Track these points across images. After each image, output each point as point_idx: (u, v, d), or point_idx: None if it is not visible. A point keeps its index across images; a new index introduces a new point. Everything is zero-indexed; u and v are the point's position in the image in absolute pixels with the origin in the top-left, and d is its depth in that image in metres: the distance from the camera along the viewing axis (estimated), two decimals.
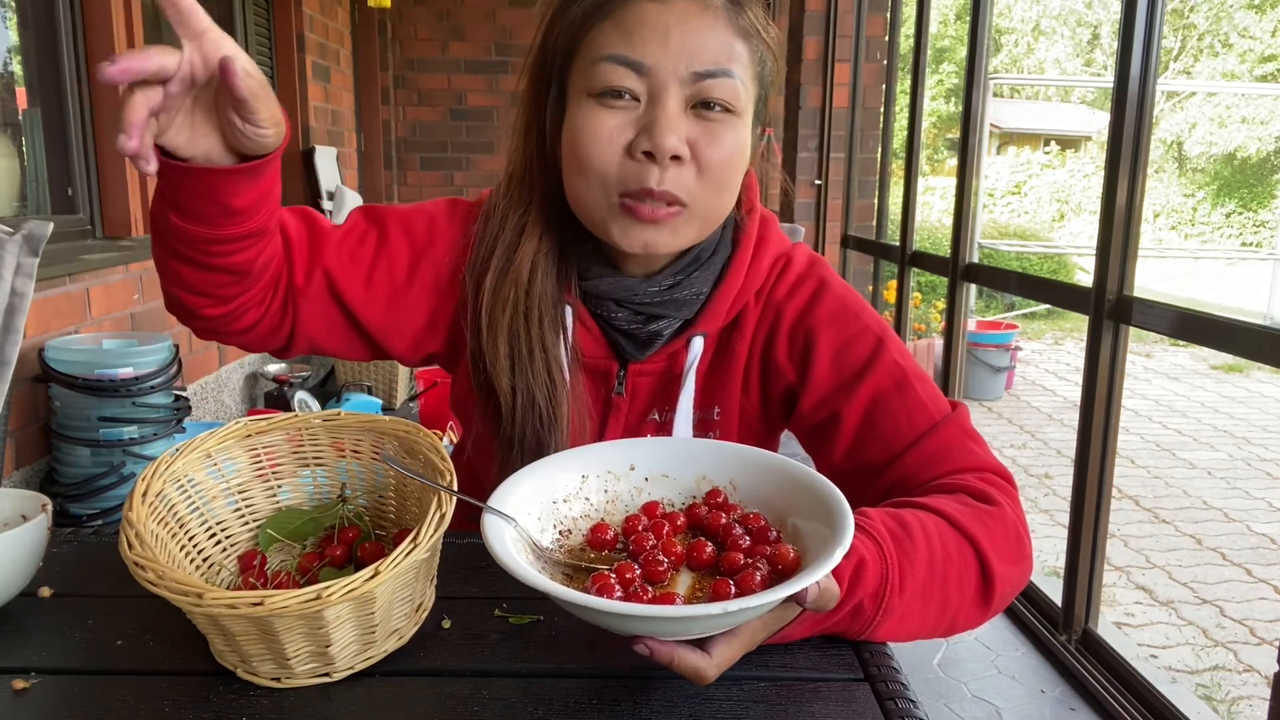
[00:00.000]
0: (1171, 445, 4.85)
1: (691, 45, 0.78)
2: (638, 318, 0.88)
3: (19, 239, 1.31)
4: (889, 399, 0.84)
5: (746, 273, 0.90)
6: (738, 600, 0.56)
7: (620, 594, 0.61)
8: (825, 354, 0.87)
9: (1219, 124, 15.26)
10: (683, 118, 0.79)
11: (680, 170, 0.80)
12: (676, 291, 0.87)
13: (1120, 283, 2.13)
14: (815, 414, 0.87)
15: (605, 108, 0.80)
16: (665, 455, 0.76)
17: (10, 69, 2.64)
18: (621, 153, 0.80)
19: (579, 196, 0.83)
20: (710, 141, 0.80)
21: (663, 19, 0.78)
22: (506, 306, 0.87)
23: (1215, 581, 3.21)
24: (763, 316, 0.91)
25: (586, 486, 0.74)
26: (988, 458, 0.82)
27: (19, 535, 0.72)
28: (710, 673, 0.61)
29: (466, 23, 6.18)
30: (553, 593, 0.57)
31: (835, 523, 0.63)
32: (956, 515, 0.74)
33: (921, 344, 5.45)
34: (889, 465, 0.82)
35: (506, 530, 0.64)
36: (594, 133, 0.80)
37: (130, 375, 2.38)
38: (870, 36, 4.14)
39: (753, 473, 0.73)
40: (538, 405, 0.87)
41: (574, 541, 0.71)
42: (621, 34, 0.79)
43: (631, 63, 0.78)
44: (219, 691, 0.64)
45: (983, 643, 2.44)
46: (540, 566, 0.65)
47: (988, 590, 0.74)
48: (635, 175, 0.79)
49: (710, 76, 0.79)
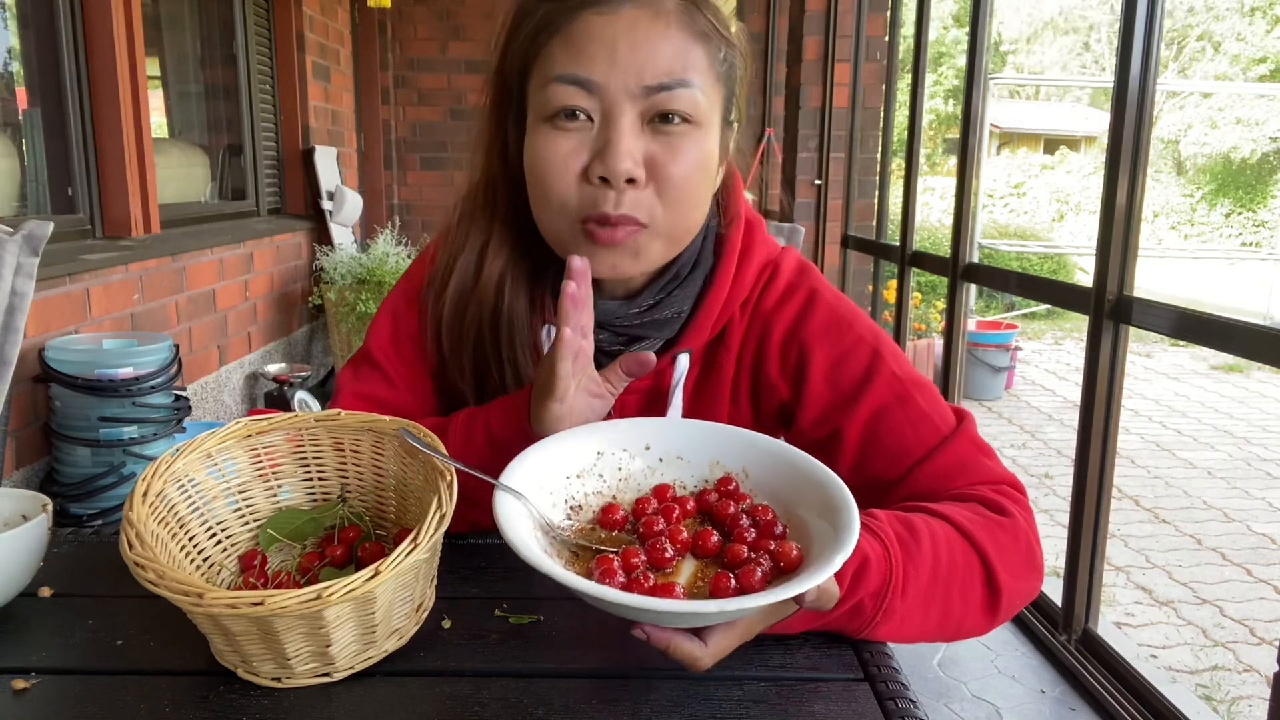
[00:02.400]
0: (1171, 445, 4.85)
1: (642, 57, 0.75)
2: (619, 339, 0.87)
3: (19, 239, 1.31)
4: (891, 413, 0.81)
5: (731, 285, 0.87)
6: (735, 600, 0.57)
7: (622, 578, 0.62)
8: (820, 370, 0.84)
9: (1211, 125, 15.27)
10: (639, 135, 0.76)
11: (638, 192, 0.77)
12: (657, 312, 0.85)
13: (1120, 283, 2.13)
14: (814, 431, 0.85)
15: (558, 130, 0.77)
16: (681, 437, 0.76)
17: (10, 69, 2.64)
18: (578, 178, 0.77)
19: (542, 222, 0.82)
20: (670, 157, 0.77)
21: (609, 31, 0.75)
22: (471, 329, 0.87)
23: (1215, 581, 3.21)
24: (749, 329, 0.88)
25: (601, 463, 0.74)
26: (1000, 470, 0.81)
27: (19, 535, 0.72)
28: (705, 661, 0.61)
29: (466, 23, 6.18)
30: (554, 575, 0.58)
31: (840, 523, 0.63)
32: (966, 524, 0.73)
33: (921, 344, 5.45)
34: (900, 481, 0.81)
35: (516, 506, 0.64)
36: (548, 159, 0.77)
37: (130, 375, 2.38)
38: (870, 36, 4.14)
39: (766, 462, 0.73)
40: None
41: (584, 518, 0.71)
42: (570, 51, 0.76)
43: (580, 80, 0.75)
44: (219, 691, 0.64)
45: (983, 643, 2.43)
46: (547, 544, 0.65)
47: (993, 602, 0.74)
48: (592, 201, 0.77)
49: (664, 89, 0.75)
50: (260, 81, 4.29)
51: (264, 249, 4.08)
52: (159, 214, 3.01)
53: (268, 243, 4.13)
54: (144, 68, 2.90)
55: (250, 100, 4.18)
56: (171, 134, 3.83)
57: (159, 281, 3.05)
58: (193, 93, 3.98)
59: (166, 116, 3.80)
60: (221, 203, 4.04)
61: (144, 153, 2.88)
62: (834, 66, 4.18)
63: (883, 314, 4.46)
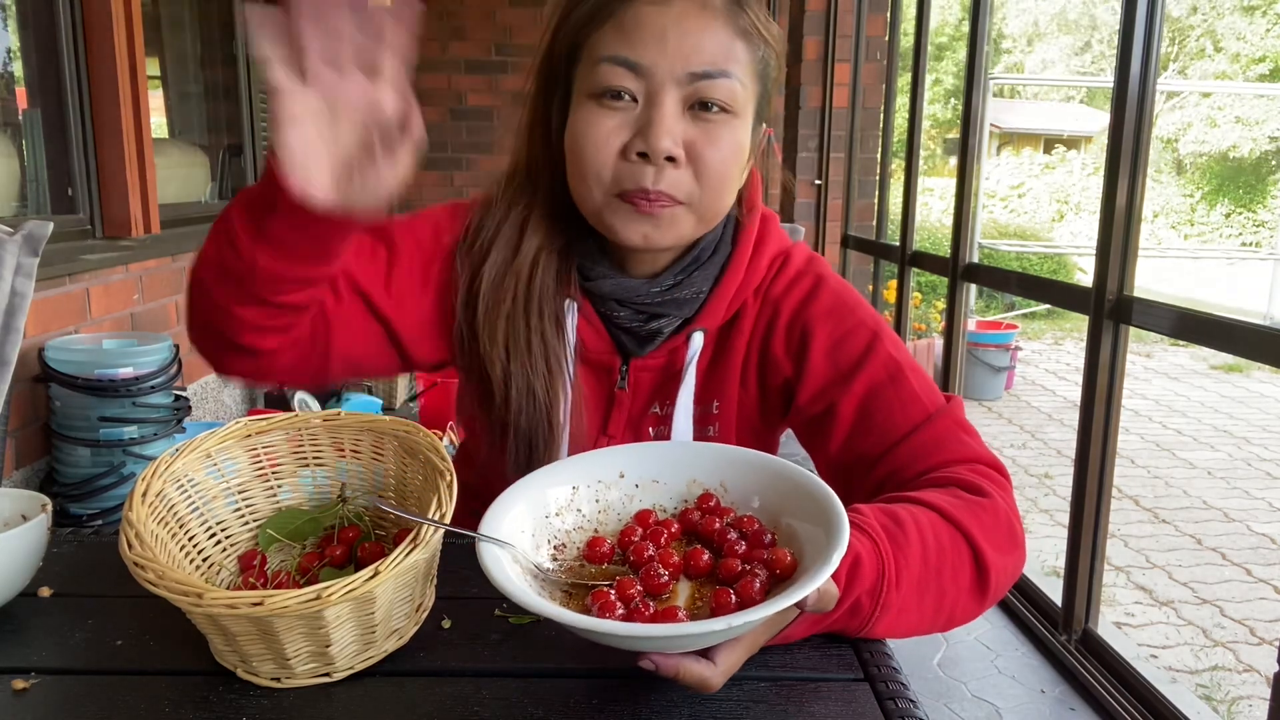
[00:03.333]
0: (1171, 445, 4.85)
1: (689, 46, 0.79)
2: (639, 316, 0.90)
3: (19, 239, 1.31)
4: (883, 391, 0.84)
5: (746, 270, 0.91)
6: (740, 614, 0.56)
7: (622, 611, 0.61)
8: (821, 347, 0.87)
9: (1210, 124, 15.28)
10: (680, 119, 0.80)
11: (677, 172, 0.81)
12: (678, 291, 0.89)
13: (1120, 283, 2.13)
14: (811, 406, 0.88)
15: (604, 108, 0.81)
16: (654, 460, 0.75)
17: (10, 69, 2.64)
18: (617, 154, 0.81)
19: (579, 196, 0.85)
20: (708, 142, 0.81)
21: (661, 20, 0.79)
22: (506, 298, 0.88)
23: (1215, 581, 3.21)
24: (761, 312, 0.92)
25: (578, 498, 0.73)
26: (979, 449, 0.83)
27: (19, 535, 0.72)
28: (716, 681, 0.61)
29: (466, 23, 6.18)
30: (558, 618, 0.57)
31: (829, 523, 0.63)
32: (948, 508, 0.74)
33: (921, 344, 5.45)
34: (883, 457, 0.83)
35: (503, 556, 0.63)
36: (591, 133, 0.81)
37: (130, 375, 2.38)
38: (870, 36, 4.14)
39: (742, 473, 0.73)
40: (535, 393, 0.88)
41: (569, 556, 0.70)
42: (621, 35, 0.80)
43: (629, 63, 0.79)
44: (219, 691, 0.64)
45: (983, 643, 2.44)
46: (539, 587, 0.65)
47: (983, 580, 0.74)
48: (631, 176, 0.80)
49: (708, 77, 0.80)
50: (260, 81, 4.29)
51: None
52: (159, 214, 3.00)
53: None
54: (144, 68, 2.90)
55: (250, 100, 4.18)
56: (171, 134, 3.83)
57: (159, 281, 3.05)
58: (193, 93, 3.98)
59: (166, 116, 3.80)
60: (222, 203, 4.04)
61: (144, 153, 2.88)
62: (834, 66, 4.18)
63: (883, 314, 4.45)
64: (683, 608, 0.62)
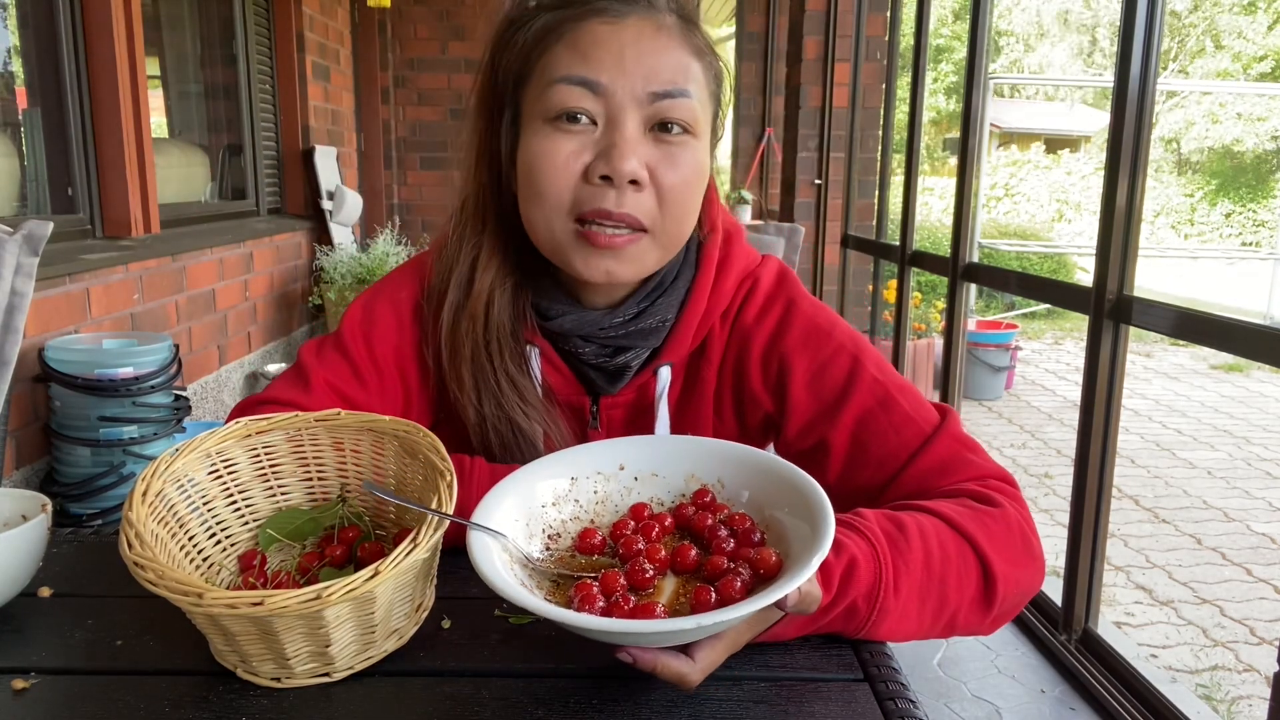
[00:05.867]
0: (1171, 445, 4.85)
1: (648, 65, 0.77)
2: (605, 350, 0.87)
3: (19, 239, 1.31)
4: (875, 418, 0.82)
5: (711, 294, 0.88)
6: (712, 614, 0.57)
7: (603, 603, 0.61)
8: (801, 380, 0.85)
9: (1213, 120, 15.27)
10: (642, 141, 0.78)
11: (639, 195, 0.78)
12: (641, 321, 0.86)
13: (1120, 282, 2.13)
14: (800, 442, 0.86)
15: (561, 131, 0.78)
16: (654, 454, 0.75)
17: (10, 69, 2.64)
18: (578, 177, 0.78)
19: (535, 224, 0.82)
20: (670, 166, 0.78)
21: (617, 39, 0.77)
22: (466, 341, 0.86)
23: (1215, 581, 3.20)
24: (730, 341, 0.89)
25: (576, 488, 0.74)
26: (986, 464, 0.81)
27: (19, 535, 0.72)
28: (694, 677, 0.61)
29: (466, 22, 6.18)
30: (533, 608, 0.58)
31: (817, 523, 0.63)
32: (955, 516, 0.74)
33: (921, 344, 5.44)
34: (887, 485, 0.81)
35: (492, 544, 0.64)
36: (549, 157, 0.78)
37: (130, 375, 2.38)
38: (870, 36, 4.14)
39: (741, 470, 0.73)
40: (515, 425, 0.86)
41: (562, 546, 0.70)
42: (576, 55, 0.77)
43: (588, 83, 0.77)
44: (219, 691, 0.64)
45: (983, 643, 2.43)
46: (526, 577, 0.65)
47: (989, 590, 0.73)
48: (591, 198, 0.78)
49: (668, 97, 0.77)
50: (260, 81, 4.29)
51: (264, 249, 4.08)
52: (159, 214, 3.01)
53: (267, 242, 4.13)
54: (144, 68, 2.90)
55: (250, 100, 4.18)
56: (171, 134, 3.83)
57: (159, 281, 3.05)
58: (193, 92, 3.98)
59: (166, 116, 3.80)
60: (221, 202, 4.04)
61: (144, 153, 2.88)
62: (834, 66, 4.19)
63: (883, 314, 4.47)
64: (664, 603, 0.63)
